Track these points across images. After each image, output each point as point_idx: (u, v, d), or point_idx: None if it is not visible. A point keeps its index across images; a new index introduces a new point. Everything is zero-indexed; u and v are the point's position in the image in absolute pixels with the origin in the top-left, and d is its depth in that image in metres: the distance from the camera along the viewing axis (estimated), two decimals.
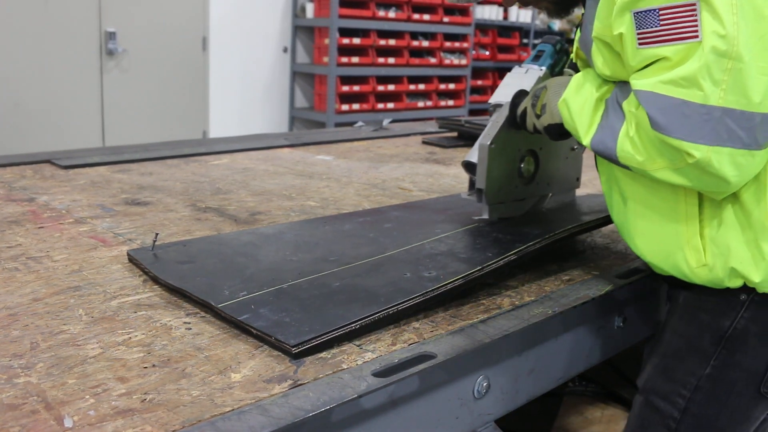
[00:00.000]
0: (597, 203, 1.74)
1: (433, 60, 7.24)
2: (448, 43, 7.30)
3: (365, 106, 6.75)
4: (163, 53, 5.83)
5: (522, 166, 1.62)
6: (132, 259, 1.39)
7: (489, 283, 1.37)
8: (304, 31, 6.82)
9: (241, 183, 2.18)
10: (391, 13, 6.75)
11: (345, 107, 6.61)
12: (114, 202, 1.89)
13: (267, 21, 6.55)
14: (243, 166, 2.47)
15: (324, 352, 1.03)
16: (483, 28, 8.00)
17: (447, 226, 1.58)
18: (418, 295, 1.18)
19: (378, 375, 0.97)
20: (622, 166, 1.16)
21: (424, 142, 3.17)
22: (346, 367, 0.99)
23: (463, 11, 7.43)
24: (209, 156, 2.61)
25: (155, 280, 1.29)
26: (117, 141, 5.32)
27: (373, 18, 6.62)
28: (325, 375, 0.96)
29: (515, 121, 1.50)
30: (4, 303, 1.18)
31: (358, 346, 1.07)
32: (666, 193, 1.17)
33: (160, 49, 5.81)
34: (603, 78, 1.21)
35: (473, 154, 1.56)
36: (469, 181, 1.65)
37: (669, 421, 1.26)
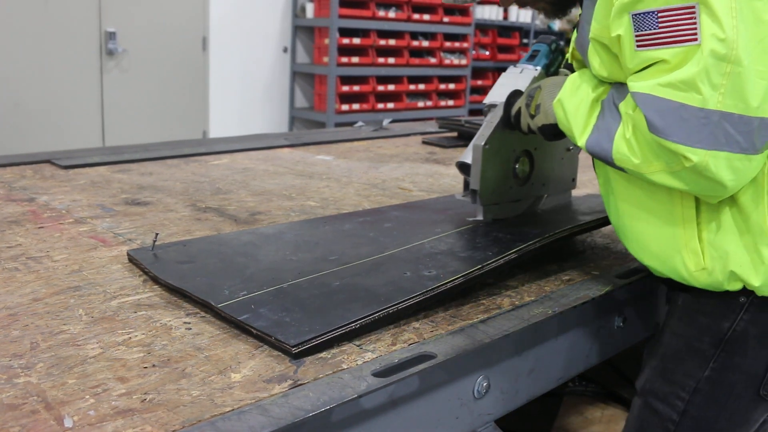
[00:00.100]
0: (597, 203, 1.74)
1: (433, 60, 7.24)
2: (448, 43, 7.30)
3: (365, 106, 6.75)
4: (163, 53, 5.83)
5: (517, 166, 1.61)
6: (132, 259, 1.39)
7: (489, 283, 1.37)
8: (304, 31, 6.82)
9: (241, 183, 2.18)
10: (391, 13, 6.75)
11: (345, 107, 6.61)
12: (114, 202, 1.89)
13: (267, 21, 6.55)
14: (243, 166, 2.47)
15: (324, 352, 1.03)
16: (483, 28, 8.00)
17: (447, 226, 1.58)
18: (418, 294, 1.18)
19: (378, 375, 0.97)
20: (618, 168, 1.15)
21: (424, 142, 3.17)
22: (346, 367, 0.99)
23: (463, 11, 7.43)
24: (209, 156, 2.61)
25: (155, 280, 1.29)
26: (117, 141, 5.32)
27: (373, 18, 6.62)
28: (325, 375, 0.96)
29: (509, 121, 1.49)
30: (4, 303, 1.18)
31: (358, 346, 1.07)
32: (662, 196, 1.17)
33: (160, 49, 5.81)
34: (599, 79, 1.20)
35: (467, 155, 1.55)
36: (464, 181, 1.64)
37: (668, 424, 1.25)
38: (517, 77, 1.57)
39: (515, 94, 1.49)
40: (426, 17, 7.01)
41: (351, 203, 1.96)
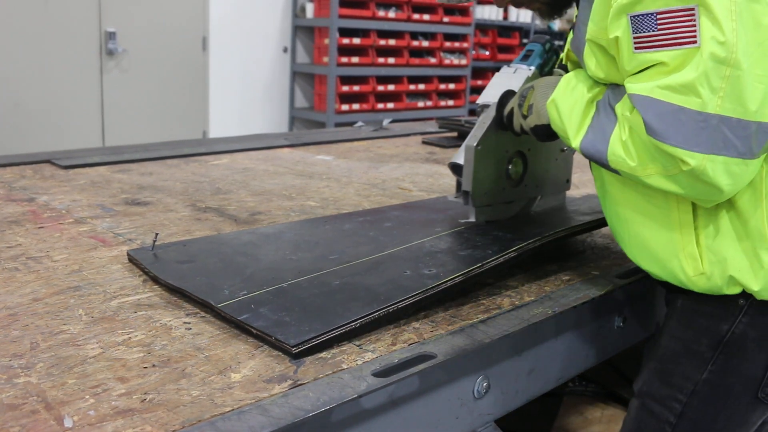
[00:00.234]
0: (597, 203, 1.73)
1: (433, 60, 7.24)
2: (448, 43, 7.30)
3: (365, 106, 6.75)
4: (163, 53, 5.83)
5: (510, 167, 1.59)
6: (132, 259, 1.39)
7: (489, 283, 1.37)
8: (304, 31, 6.82)
9: (241, 183, 2.18)
10: (391, 13, 6.75)
11: (345, 107, 6.61)
12: (114, 202, 1.89)
13: (267, 21, 6.55)
14: (243, 166, 2.47)
15: (324, 352, 1.03)
16: (483, 28, 8.00)
17: (447, 226, 1.58)
18: (418, 293, 1.18)
19: (378, 375, 0.97)
20: (612, 171, 1.14)
21: (424, 142, 3.17)
22: (346, 367, 0.99)
23: (463, 11, 7.44)
24: (209, 156, 2.61)
25: (155, 280, 1.29)
26: (117, 141, 5.32)
27: (373, 18, 6.62)
28: (325, 375, 0.96)
29: (502, 121, 1.48)
30: (4, 303, 1.18)
31: (358, 346, 1.07)
32: (658, 200, 1.15)
33: (160, 49, 5.81)
34: (595, 79, 1.19)
35: (459, 156, 1.54)
36: (456, 182, 1.63)
37: (665, 426, 1.25)
38: (510, 77, 1.55)
39: (508, 94, 1.48)
40: (426, 17, 7.01)
41: (351, 203, 1.96)
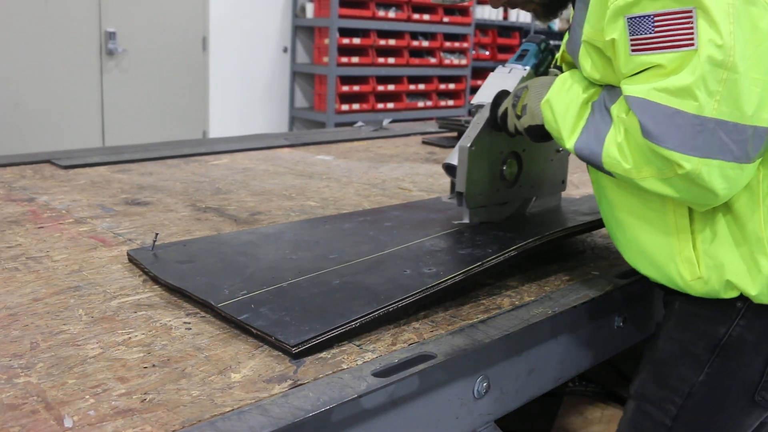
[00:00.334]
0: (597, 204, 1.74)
1: (433, 60, 7.24)
2: (448, 43, 7.30)
3: (365, 106, 6.75)
4: (163, 53, 5.83)
5: (504, 168, 1.58)
6: (132, 259, 1.39)
7: (489, 283, 1.36)
8: (304, 31, 6.82)
9: (241, 183, 2.18)
10: (391, 13, 6.75)
11: (345, 107, 6.61)
12: (114, 202, 1.89)
13: (267, 21, 6.55)
14: (243, 166, 2.47)
15: (324, 352, 1.03)
16: (483, 28, 8.00)
17: (447, 225, 1.58)
18: (418, 291, 1.18)
19: (378, 375, 0.97)
20: (606, 173, 1.13)
21: (424, 142, 3.17)
22: (346, 367, 0.99)
23: (463, 11, 7.44)
24: (209, 156, 2.61)
25: (155, 280, 1.29)
26: (117, 141, 5.32)
27: (373, 18, 6.62)
28: (325, 375, 0.96)
29: (496, 122, 1.47)
30: (4, 303, 1.18)
31: (358, 346, 1.07)
32: (655, 204, 1.14)
33: (160, 49, 5.81)
34: (591, 80, 1.18)
35: (453, 157, 1.53)
36: (451, 183, 1.62)
37: (660, 428, 1.24)
38: (505, 77, 1.54)
39: (502, 95, 1.47)
40: (426, 17, 7.01)
41: (351, 203, 1.96)
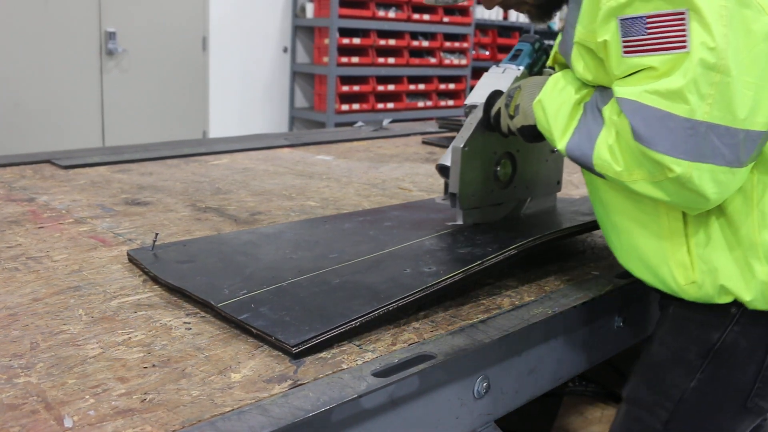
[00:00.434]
0: None
1: (433, 60, 7.24)
2: (448, 43, 7.30)
3: (365, 106, 6.74)
4: (163, 53, 5.83)
5: (498, 169, 1.57)
6: (132, 259, 1.39)
7: (489, 283, 1.36)
8: (304, 31, 6.82)
9: (241, 183, 2.18)
10: (391, 13, 6.75)
11: (345, 107, 6.61)
12: (114, 202, 1.89)
13: (267, 21, 6.55)
14: (243, 166, 2.47)
15: (324, 352, 1.03)
16: (483, 28, 8.00)
17: (447, 225, 1.58)
18: (418, 291, 1.18)
19: (378, 375, 0.97)
20: (597, 174, 1.12)
21: (424, 142, 3.17)
22: (346, 367, 0.99)
23: (463, 11, 7.44)
24: (209, 156, 2.61)
25: (155, 280, 1.29)
26: (117, 141, 5.32)
27: (373, 18, 6.61)
28: (325, 375, 0.96)
29: (489, 122, 1.46)
30: (4, 303, 1.18)
31: (358, 346, 1.07)
32: (648, 207, 1.14)
33: (160, 49, 5.81)
34: (583, 81, 1.17)
35: (447, 157, 1.52)
36: (444, 184, 1.61)
37: None
38: (499, 77, 1.53)
39: (495, 95, 1.46)
40: (426, 17, 7.00)
41: (351, 203, 1.96)
